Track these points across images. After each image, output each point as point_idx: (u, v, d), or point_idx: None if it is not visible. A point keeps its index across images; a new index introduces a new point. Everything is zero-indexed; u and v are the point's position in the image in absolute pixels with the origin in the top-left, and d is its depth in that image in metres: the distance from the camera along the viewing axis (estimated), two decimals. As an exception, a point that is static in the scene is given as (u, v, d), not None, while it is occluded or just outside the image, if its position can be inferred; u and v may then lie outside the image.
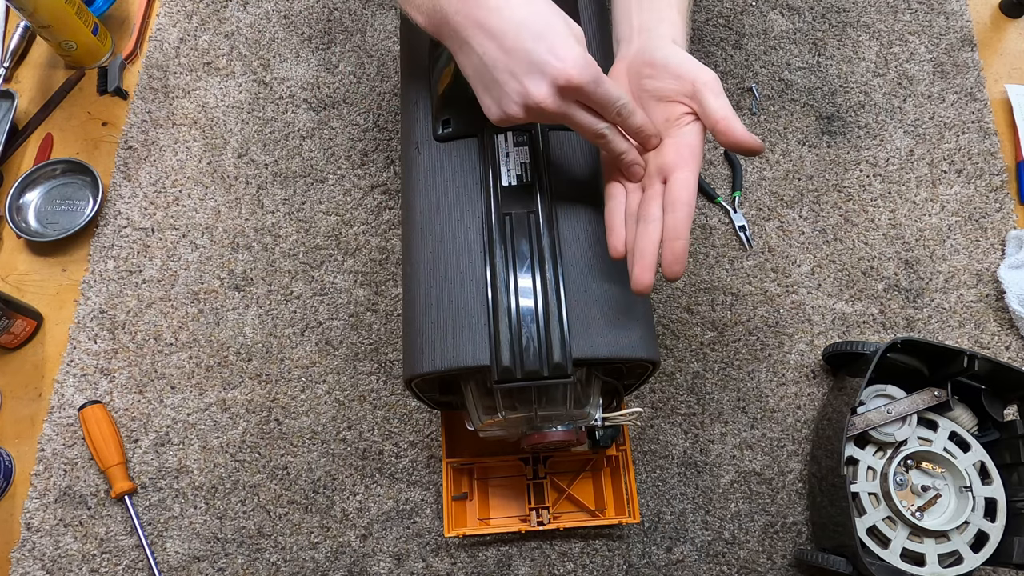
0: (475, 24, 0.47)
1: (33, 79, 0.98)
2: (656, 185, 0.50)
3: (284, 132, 0.93)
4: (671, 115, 0.50)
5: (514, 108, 0.47)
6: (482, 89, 0.49)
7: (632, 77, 0.53)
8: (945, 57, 0.97)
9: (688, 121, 0.49)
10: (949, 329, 0.84)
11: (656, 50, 0.51)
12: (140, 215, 0.89)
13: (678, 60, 0.50)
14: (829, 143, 0.93)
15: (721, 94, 0.48)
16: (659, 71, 0.50)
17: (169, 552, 0.75)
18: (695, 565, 0.75)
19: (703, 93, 0.48)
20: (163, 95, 0.96)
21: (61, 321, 0.85)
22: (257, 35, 0.99)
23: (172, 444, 0.79)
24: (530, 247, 0.54)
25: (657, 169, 0.50)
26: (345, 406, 0.80)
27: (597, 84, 0.46)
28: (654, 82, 0.51)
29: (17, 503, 0.77)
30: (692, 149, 0.49)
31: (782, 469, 0.78)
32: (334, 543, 0.76)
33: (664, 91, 0.50)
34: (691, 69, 0.49)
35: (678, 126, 0.50)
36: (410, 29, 0.68)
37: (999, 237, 0.88)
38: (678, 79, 0.49)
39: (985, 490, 0.70)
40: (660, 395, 0.81)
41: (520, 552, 0.75)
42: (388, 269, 0.86)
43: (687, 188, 0.47)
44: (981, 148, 0.92)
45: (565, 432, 0.61)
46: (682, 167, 0.48)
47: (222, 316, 0.84)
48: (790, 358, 0.83)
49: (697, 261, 0.86)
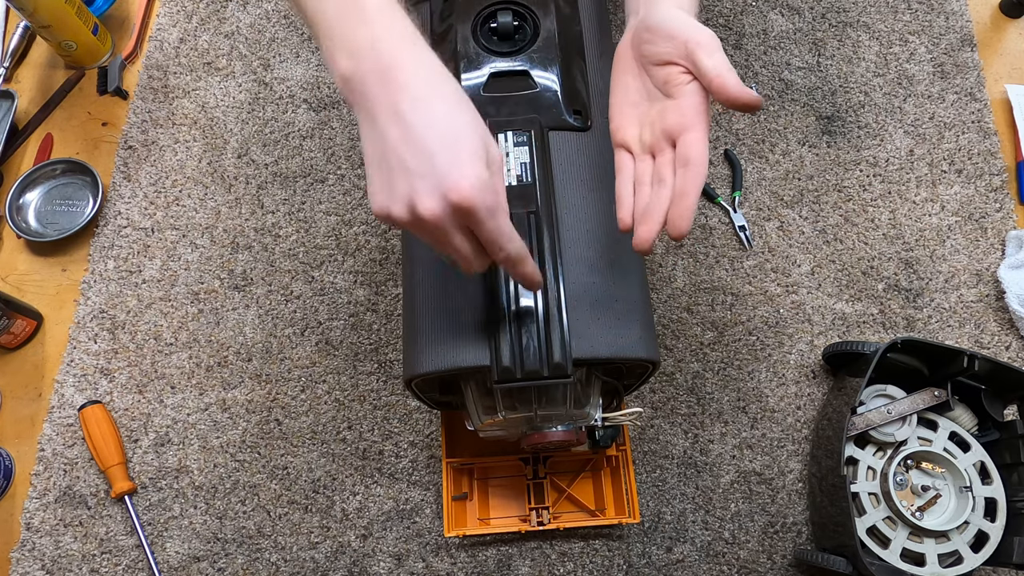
0: (389, 104, 0.42)
1: (33, 79, 0.98)
2: (667, 151, 0.49)
3: (284, 132, 0.93)
4: (670, 78, 0.49)
5: (397, 208, 0.42)
6: (374, 170, 0.43)
7: (634, 45, 0.52)
8: (945, 57, 0.97)
9: (687, 81, 0.48)
10: (949, 329, 0.84)
11: (655, 14, 0.50)
12: (140, 215, 0.89)
13: (674, 22, 0.49)
14: (829, 143, 0.93)
15: (716, 52, 0.47)
16: (655, 34, 0.49)
17: (169, 552, 0.75)
18: (695, 565, 0.75)
19: (696, 53, 0.47)
20: (163, 95, 0.96)
21: (61, 321, 0.85)
22: (257, 35, 0.99)
23: (172, 444, 0.79)
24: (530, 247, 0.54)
25: (665, 133, 0.49)
26: (345, 406, 0.80)
27: (492, 216, 0.42)
28: (651, 47, 0.50)
29: (17, 503, 0.77)
30: (696, 109, 0.48)
31: (782, 469, 0.78)
32: (334, 543, 0.76)
33: (660, 54, 0.49)
34: (685, 29, 0.48)
35: (679, 87, 0.48)
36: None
37: (999, 237, 0.88)
38: (672, 40, 0.48)
39: (985, 490, 0.70)
40: (660, 395, 0.81)
41: (520, 552, 0.75)
42: (388, 269, 0.86)
43: (696, 147, 0.46)
44: (981, 148, 0.92)
45: (565, 432, 0.61)
46: (690, 128, 0.47)
47: (222, 316, 0.84)
48: (790, 358, 0.83)
49: (697, 261, 0.86)
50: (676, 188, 0.46)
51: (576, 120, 0.60)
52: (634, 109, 0.51)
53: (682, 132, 0.47)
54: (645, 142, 0.50)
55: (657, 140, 0.49)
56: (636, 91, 0.51)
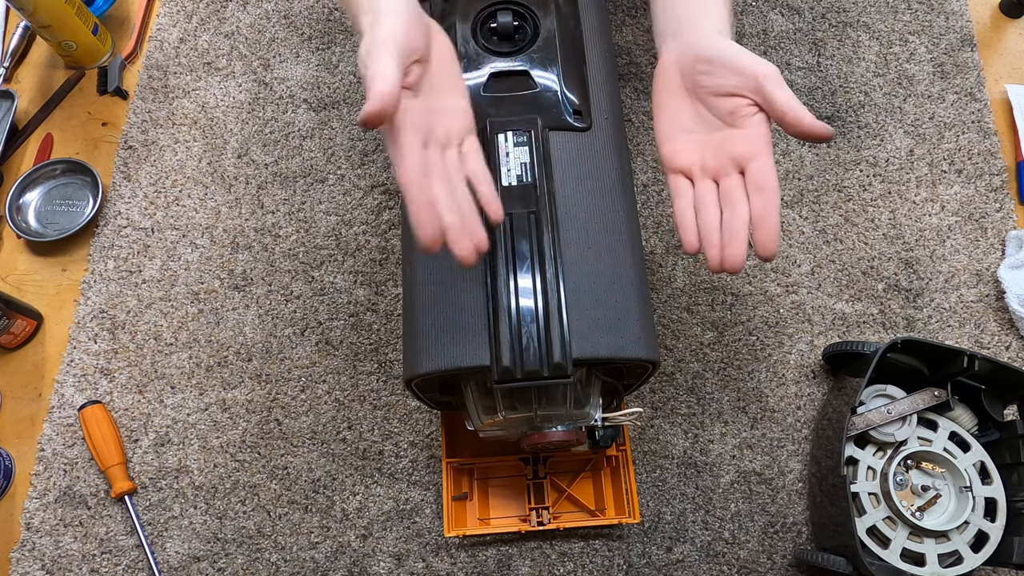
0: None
1: (33, 79, 0.98)
2: (733, 176, 0.51)
3: (284, 132, 0.93)
4: (736, 108, 0.51)
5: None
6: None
7: (685, 73, 0.53)
8: (945, 57, 0.97)
9: (753, 112, 0.51)
10: (949, 329, 0.84)
11: (709, 45, 0.52)
12: (140, 215, 0.89)
13: (735, 55, 0.51)
14: (829, 143, 0.93)
15: (784, 85, 0.49)
16: (716, 67, 0.51)
17: (169, 552, 0.75)
18: (695, 565, 0.75)
19: (767, 87, 0.49)
20: (163, 95, 0.96)
21: (61, 321, 0.85)
22: (257, 35, 0.99)
23: (172, 444, 0.79)
24: (530, 247, 0.54)
25: (732, 160, 0.51)
26: (345, 406, 0.80)
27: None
28: (713, 79, 0.52)
29: (17, 503, 0.77)
30: (764, 138, 0.50)
31: (782, 469, 0.78)
32: (334, 543, 0.76)
33: (725, 86, 0.51)
34: (751, 64, 0.50)
35: (745, 118, 0.51)
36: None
37: (999, 237, 0.88)
38: (739, 74, 0.50)
39: (985, 490, 0.70)
40: (660, 395, 0.81)
41: (520, 552, 0.75)
42: (388, 269, 0.86)
43: (768, 173, 0.49)
44: (981, 148, 0.92)
45: (565, 432, 0.61)
46: (759, 155, 0.50)
47: (222, 316, 0.84)
48: (790, 358, 0.83)
49: (697, 261, 0.87)
50: (756, 212, 0.49)
51: (576, 120, 0.60)
52: (689, 135, 0.53)
53: (753, 159, 0.50)
54: (708, 168, 0.52)
55: (723, 166, 0.51)
56: (690, 118, 0.53)
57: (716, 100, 0.52)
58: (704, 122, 0.53)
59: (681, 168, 0.53)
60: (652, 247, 0.87)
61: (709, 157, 0.52)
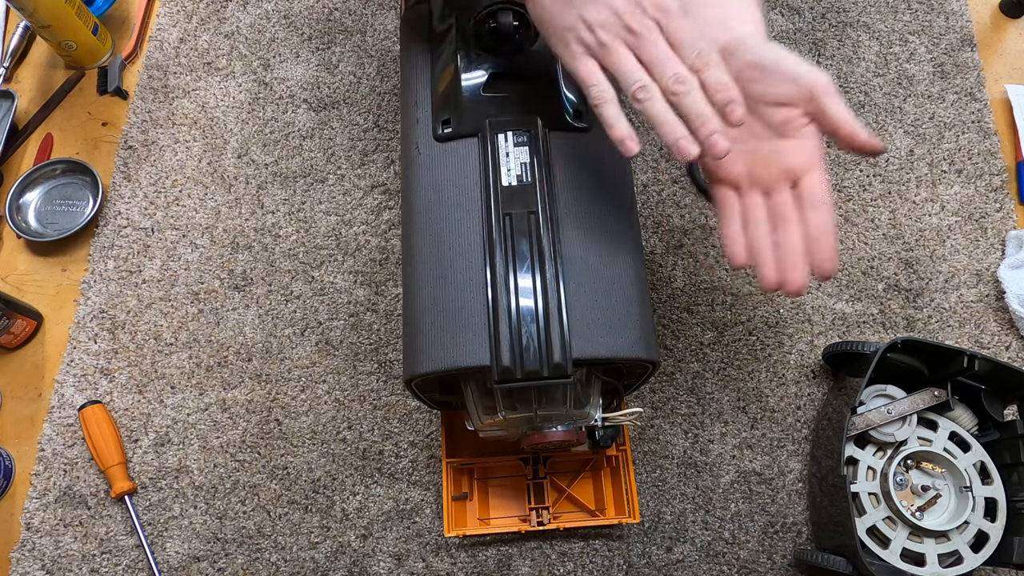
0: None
1: (33, 79, 0.98)
2: (784, 189, 0.49)
3: (284, 132, 0.93)
4: (790, 119, 0.49)
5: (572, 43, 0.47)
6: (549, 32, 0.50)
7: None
8: (945, 57, 0.97)
9: (805, 123, 0.49)
10: (949, 329, 0.84)
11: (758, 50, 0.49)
12: (140, 215, 0.89)
13: (790, 63, 0.49)
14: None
15: (839, 97, 0.47)
16: (769, 75, 0.49)
17: (169, 552, 0.75)
18: (695, 565, 0.75)
19: (823, 99, 0.47)
20: (163, 95, 0.96)
21: (61, 321, 0.85)
22: (257, 35, 0.99)
23: (172, 444, 0.79)
24: (530, 247, 0.54)
25: (784, 173, 0.49)
26: (345, 406, 0.81)
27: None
28: (764, 87, 0.49)
29: (17, 503, 0.77)
30: (818, 151, 0.49)
31: (782, 469, 0.78)
32: (334, 543, 0.76)
33: (778, 95, 0.49)
34: (806, 73, 0.48)
35: (797, 129, 0.49)
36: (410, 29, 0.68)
37: (999, 237, 0.88)
38: (795, 83, 0.48)
39: (985, 490, 0.70)
40: (660, 395, 0.81)
41: (520, 552, 0.75)
42: (388, 269, 0.86)
43: (823, 187, 0.48)
44: (981, 148, 0.92)
45: (565, 432, 0.61)
46: (814, 168, 0.49)
47: (222, 316, 0.84)
48: (790, 358, 0.83)
49: (697, 261, 0.87)
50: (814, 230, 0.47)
51: (576, 120, 0.60)
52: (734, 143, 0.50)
53: (807, 172, 0.48)
54: (757, 179, 0.50)
55: (774, 179, 0.50)
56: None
57: (767, 109, 0.50)
58: (750, 131, 0.51)
59: (726, 178, 0.51)
60: (652, 247, 0.87)
61: (758, 168, 0.50)
